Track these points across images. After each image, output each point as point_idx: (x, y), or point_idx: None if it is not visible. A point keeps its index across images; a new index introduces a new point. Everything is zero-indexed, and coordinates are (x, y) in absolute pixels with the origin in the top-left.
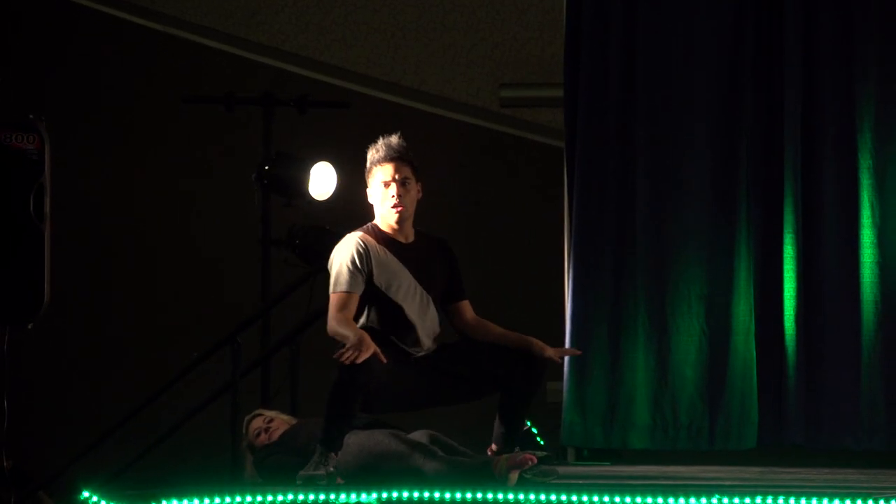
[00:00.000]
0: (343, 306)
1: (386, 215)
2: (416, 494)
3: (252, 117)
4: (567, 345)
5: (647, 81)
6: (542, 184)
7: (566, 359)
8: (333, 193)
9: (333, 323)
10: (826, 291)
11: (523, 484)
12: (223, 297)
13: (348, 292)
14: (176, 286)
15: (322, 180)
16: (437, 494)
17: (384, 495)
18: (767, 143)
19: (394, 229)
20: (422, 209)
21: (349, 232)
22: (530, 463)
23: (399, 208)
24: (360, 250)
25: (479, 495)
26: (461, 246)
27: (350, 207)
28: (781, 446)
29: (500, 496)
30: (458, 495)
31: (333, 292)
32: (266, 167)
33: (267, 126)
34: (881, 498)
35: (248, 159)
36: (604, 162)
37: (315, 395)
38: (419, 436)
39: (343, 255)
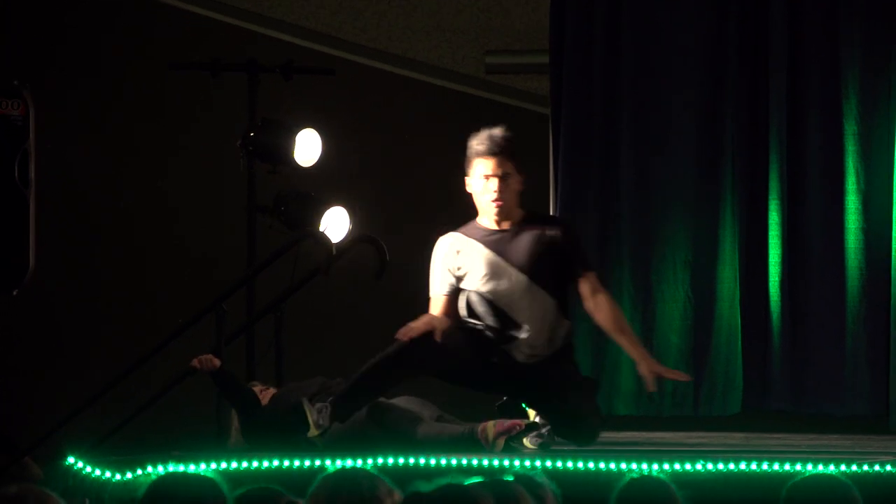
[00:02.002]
0: (438, 309)
1: (486, 208)
2: (404, 461)
3: (237, 84)
4: None
5: (632, 47)
6: (528, 151)
7: None
8: (318, 160)
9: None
10: (811, 258)
11: (510, 451)
12: (208, 263)
13: (439, 294)
14: (160, 252)
15: (307, 147)
16: (422, 461)
17: (379, 461)
18: (753, 109)
19: (493, 220)
20: (407, 178)
21: (334, 198)
22: (517, 429)
23: (499, 203)
24: (445, 250)
25: (465, 461)
26: (447, 214)
27: (335, 174)
28: (766, 412)
29: (486, 462)
30: (444, 461)
31: (430, 295)
32: (251, 134)
33: (252, 93)
34: (865, 462)
35: (233, 126)
36: (589, 128)
37: (300, 361)
38: (404, 401)
39: (432, 258)
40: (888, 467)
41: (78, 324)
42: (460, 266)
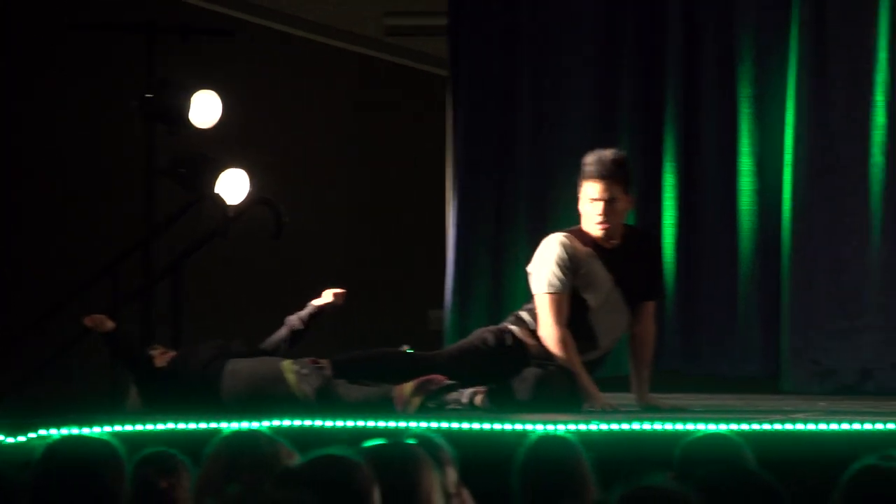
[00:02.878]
0: (559, 310)
1: (592, 229)
2: (301, 423)
3: (135, 45)
4: (449, 274)
5: (530, 10)
6: (428, 113)
7: (448, 285)
8: (216, 122)
9: (558, 334)
10: (705, 219)
11: (425, 412)
12: (105, 225)
13: (561, 293)
14: (58, 215)
15: (205, 109)
16: (318, 423)
17: (275, 423)
18: (649, 72)
19: (599, 238)
20: (306, 140)
21: (232, 160)
22: (435, 386)
23: (605, 226)
24: (569, 251)
25: (361, 424)
26: (345, 176)
27: (233, 136)
28: (659, 372)
29: (383, 424)
30: (341, 424)
31: (545, 293)
32: (148, 95)
33: (150, 54)
34: (755, 421)
35: (131, 87)
36: (486, 90)
37: (198, 323)
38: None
39: (550, 253)
40: (777, 426)
41: None
42: (579, 271)
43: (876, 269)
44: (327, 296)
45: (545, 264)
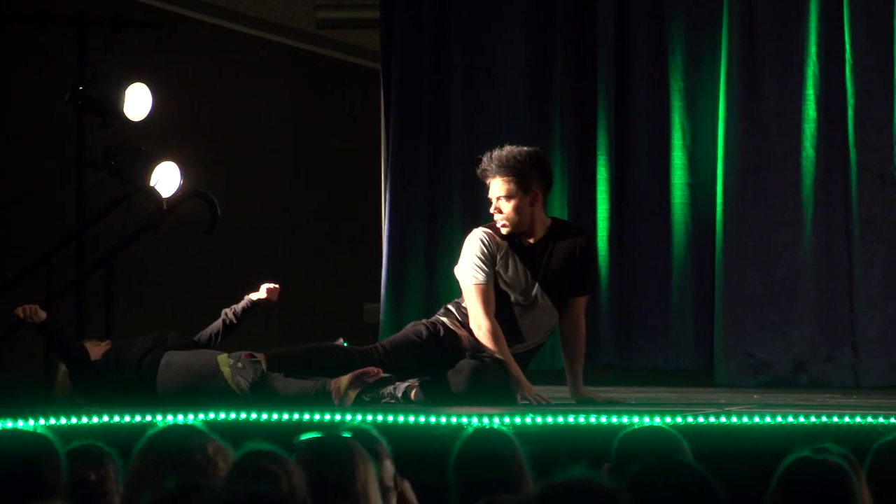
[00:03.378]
0: (486, 301)
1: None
2: (235, 416)
3: (66, 37)
4: (384, 267)
5: (462, 1)
6: (360, 106)
7: (383, 278)
8: (148, 115)
9: (487, 325)
10: (638, 213)
11: (361, 405)
12: (38, 218)
13: (486, 284)
14: None
15: (137, 101)
16: (254, 416)
17: (210, 416)
18: (581, 65)
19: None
20: (238, 132)
21: (164, 153)
22: (371, 378)
23: (504, 223)
24: (488, 243)
25: (296, 416)
26: (279, 169)
27: (165, 129)
28: (594, 365)
29: (318, 417)
30: (276, 416)
31: (470, 284)
32: (80, 88)
33: (81, 46)
34: (689, 414)
35: (62, 80)
36: (418, 84)
37: (131, 316)
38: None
39: (471, 247)
40: (712, 419)
41: None
42: (499, 265)
43: (808, 263)
44: (262, 290)
45: (468, 257)
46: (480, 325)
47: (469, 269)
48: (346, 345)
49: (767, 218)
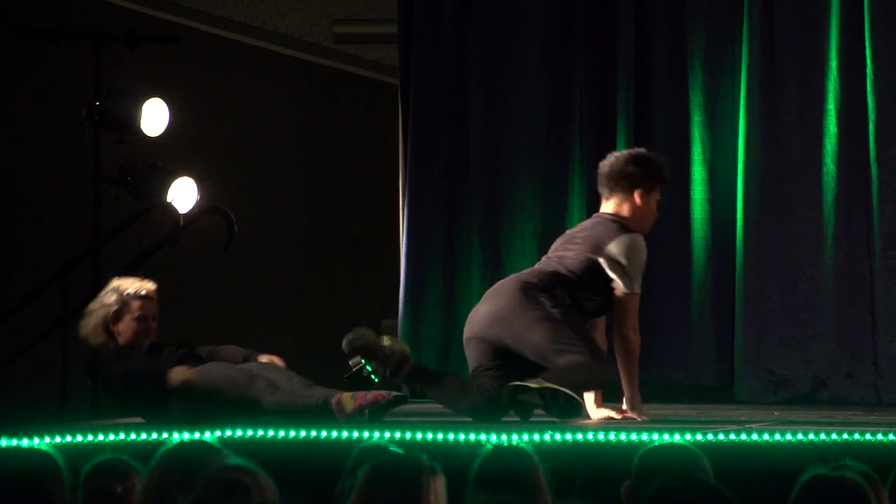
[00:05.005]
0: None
1: (647, 227)
2: (255, 433)
3: (81, 52)
4: (402, 282)
5: (480, 18)
6: (378, 121)
7: (401, 293)
8: (165, 130)
9: (639, 340)
10: (657, 228)
11: (360, 423)
12: (53, 234)
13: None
14: (4, 224)
15: (154, 116)
16: (271, 433)
17: (226, 433)
18: (601, 80)
19: None
20: (255, 148)
21: (181, 168)
22: (382, 400)
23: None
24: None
25: (314, 433)
26: (296, 185)
27: (182, 144)
28: (612, 382)
29: (335, 434)
30: (293, 433)
31: (633, 292)
32: (96, 103)
33: (96, 61)
34: (709, 431)
35: (78, 95)
36: (437, 98)
37: None
38: (259, 367)
39: (640, 255)
40: (732, 436)
41: None
42: None
43: (829, 278)
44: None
45: (637, 265)
46: (633, 338)
47: (636, 278)
48: (363, 363)
49: (788, 233)
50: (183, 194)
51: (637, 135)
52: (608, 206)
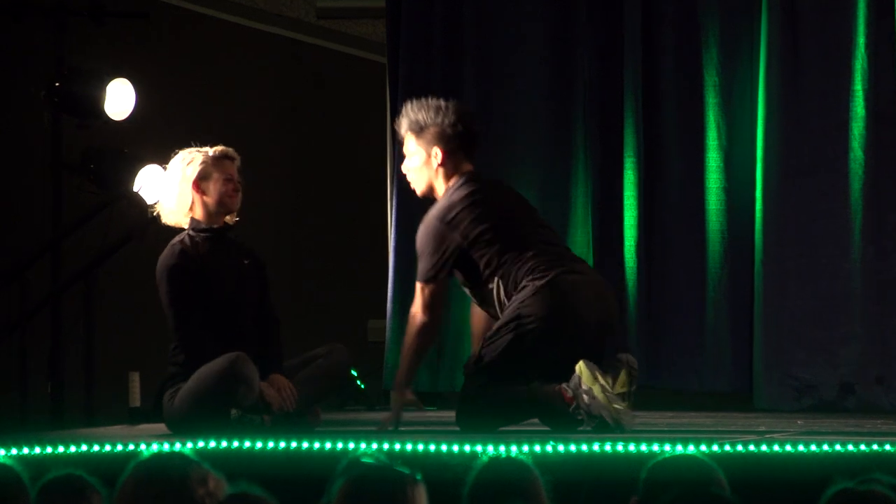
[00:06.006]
0: None
1: None
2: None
3: (42, 28)
4: (390, 278)
5: None
6: (363, 102)
7: (389, 292)
8: (132, 113)
9: None
10: (669, 220)
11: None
12: (10, 228)
13: None
14: None
15: (120, 98)
16: (247, 444)
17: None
18: (606, 59)
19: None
20: (232, 132)
21: (149, 155)
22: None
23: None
24: None
25: (294, 444)
26: (275, 173)
27: (150, 129)
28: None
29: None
30: (272, 444)
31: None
32: (57, 84)
33: (58, 38)
34: (727, 442)
35: (36, 75)
36: (428, 78)
37: (111, 334)
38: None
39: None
40: (751, 447)
41: None
42: None
43: (857, 275)
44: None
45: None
46: None
47: None
48: (354, 374)
49: (812, 226)
50: (150, 184)
51: (646, 117)
52: None
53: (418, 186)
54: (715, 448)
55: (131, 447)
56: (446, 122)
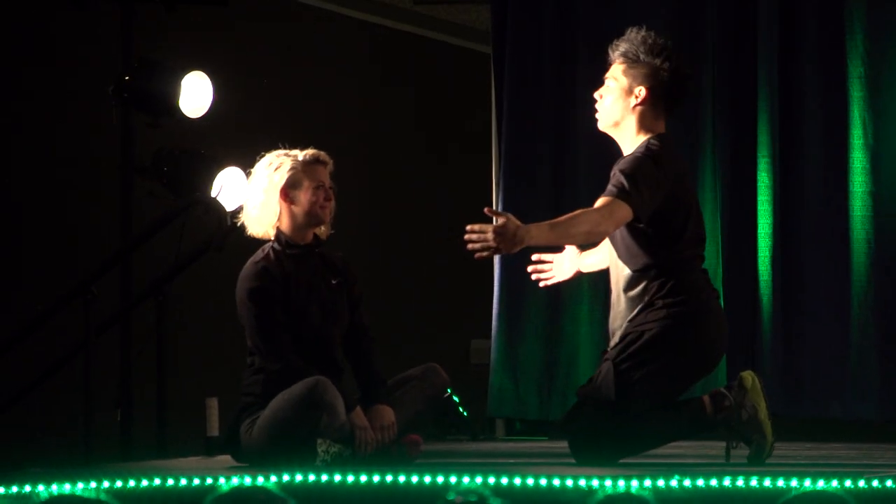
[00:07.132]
0: None
1: None
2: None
3: (109, 16)
4: (496, 293)
5: None
6: (466, 97)
7: (494, 309)
8: (209, 110)
9: None
10: (808, 228)
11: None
12: (76, 237)
13: None
14: (20, 224)
15: (195, 94)
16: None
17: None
18: (737, 48)
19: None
20: (319, 130)
21: (228, 156)
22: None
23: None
24: None
25: (388, 478)
26: (368, 175)
27: (229, 127)
28: None
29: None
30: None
31: None
32: (126, 78)
33: (127, 28)
34: (874, 477)
35: (104, 69)
36: (538, 70)
37: (186, 355)
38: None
39: None
40: None
41: None
42: None
43: None
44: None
45: None
46: None
47: None
48: (456, 400)
49: None
50: (230, 188)
51: (782, 113)
52: None
53: (604, 118)
54: (862, 484)
55: (209, 481)
56: (665, 66)
